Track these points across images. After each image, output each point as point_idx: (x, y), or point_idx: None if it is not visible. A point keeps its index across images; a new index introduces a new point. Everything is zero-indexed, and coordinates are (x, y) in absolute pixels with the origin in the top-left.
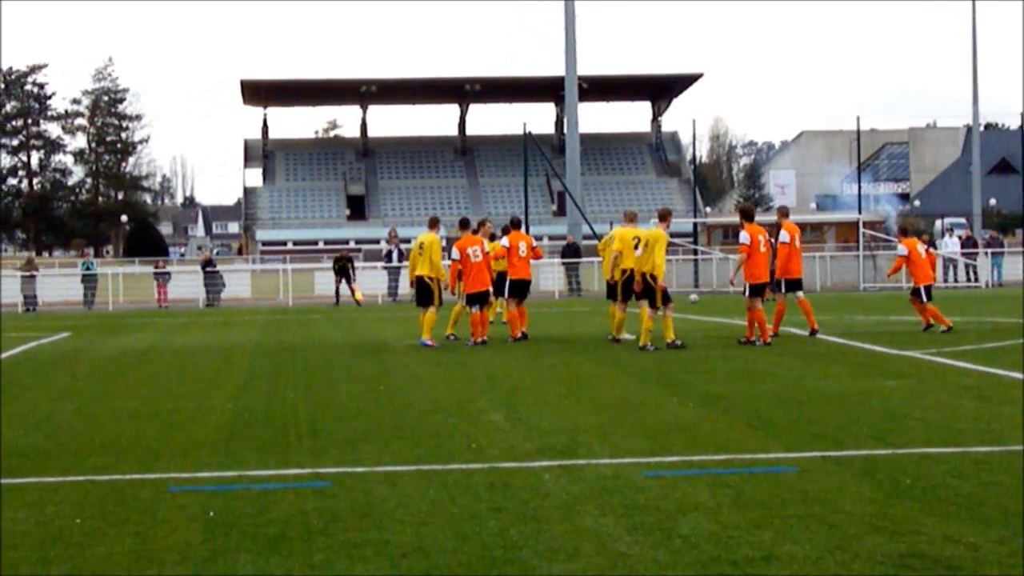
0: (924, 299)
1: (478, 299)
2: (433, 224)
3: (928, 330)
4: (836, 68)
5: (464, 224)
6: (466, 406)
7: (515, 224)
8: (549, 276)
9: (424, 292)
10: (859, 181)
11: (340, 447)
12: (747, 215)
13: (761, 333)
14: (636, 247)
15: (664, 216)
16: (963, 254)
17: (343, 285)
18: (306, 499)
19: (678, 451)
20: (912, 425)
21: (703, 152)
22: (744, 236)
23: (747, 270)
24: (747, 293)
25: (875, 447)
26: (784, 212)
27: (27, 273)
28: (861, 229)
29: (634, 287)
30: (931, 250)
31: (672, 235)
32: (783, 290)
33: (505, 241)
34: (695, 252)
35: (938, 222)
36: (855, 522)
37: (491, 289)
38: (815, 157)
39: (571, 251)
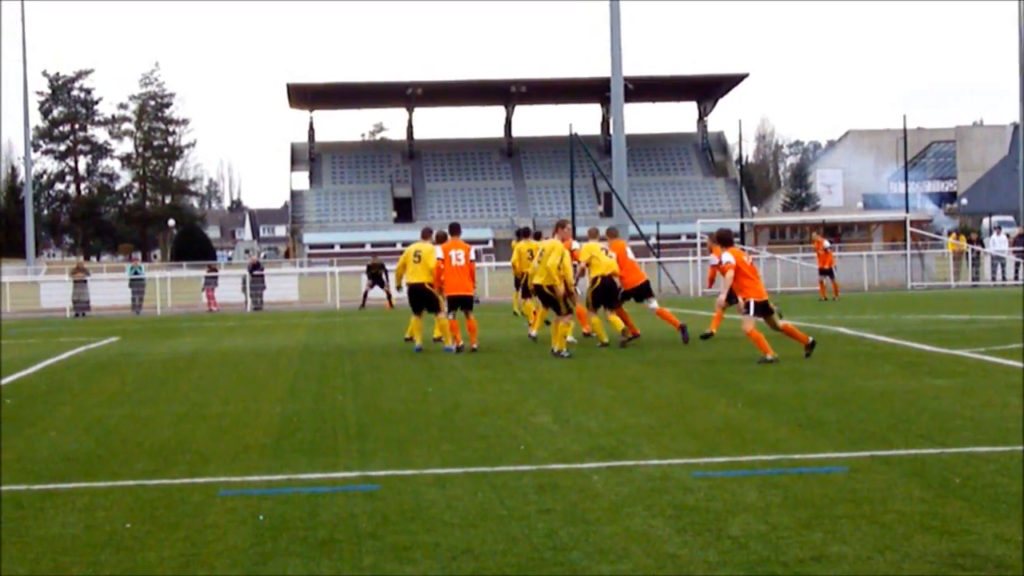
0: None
1: (457, 304)
2: (426, 235)
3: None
4: (882, 67)
5: (455, 230)
6: (514, 408)
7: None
8: None
9: (425, 298)
10: (906, 180)
11: (389, 450)
12: (724, 240)
13: (764, 349)
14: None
15: (555, 227)
16: (1014, 252)
17: (375, 290)
18: (355, 502)
19: (727, 452)
20: (961, 424)
21: (749, 152)
22: (728, 256)
23: (746, 290)
24: (752, 312)
25: (924, 446)
26: (611, 233)
27: (78, 279)
28: (908, 228)
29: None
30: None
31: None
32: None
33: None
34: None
35: (986, 220)
36: (905, 522)
37: (473, 295)
38: (861, 156)
39: None
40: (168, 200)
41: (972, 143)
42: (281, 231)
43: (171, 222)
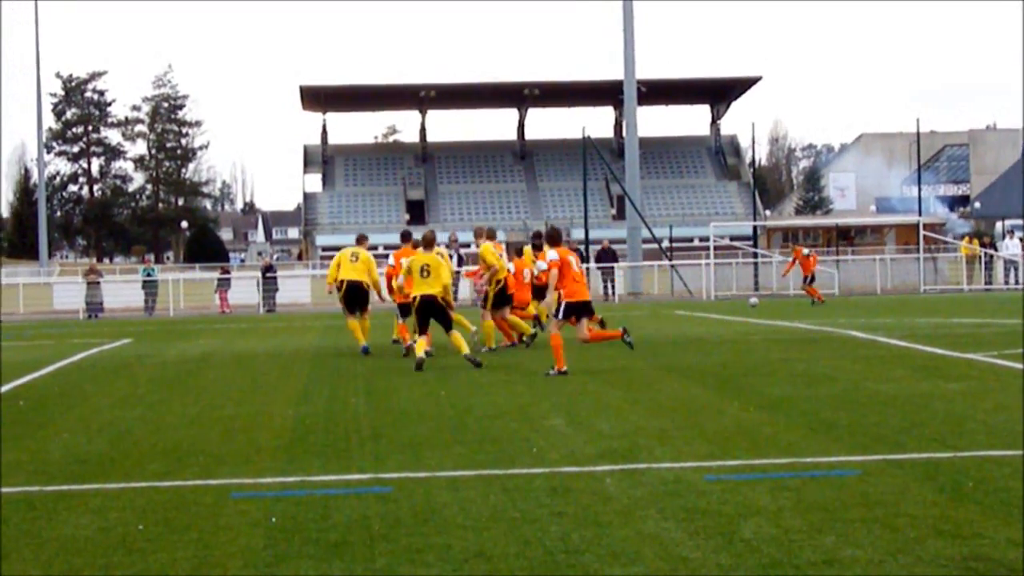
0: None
1: (409, 311)
2: (360, 240)
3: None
4: (895, 70)
5: (405, 237)
6: (527, 411)
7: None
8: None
9: (359, 297)
10: (919, 183)
11: (401, 452)
12: (552, 238)
13: (558, 360)
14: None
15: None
16: None
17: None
18: (368, 504)
19: (739, 455)
20: (974, 428)
21: (762, 155)
22: (552, 254)
23: (563, 290)
24: (560, 315)
25: (937, 450)
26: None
27: (91, 280)
28: (921, 231)
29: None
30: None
31: (732, 238)
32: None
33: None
34: (755, 255)
35: (999, 224)
36: (917, 525)
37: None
38: (875, 159)
39: (607, 256)
40: (181, 202)
41: (985, 146)
42: (294, 233)
43: (184, 224)
